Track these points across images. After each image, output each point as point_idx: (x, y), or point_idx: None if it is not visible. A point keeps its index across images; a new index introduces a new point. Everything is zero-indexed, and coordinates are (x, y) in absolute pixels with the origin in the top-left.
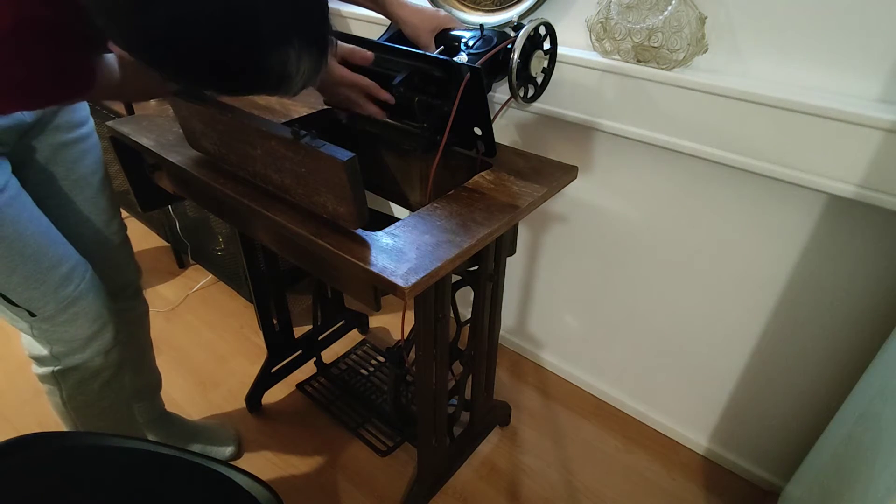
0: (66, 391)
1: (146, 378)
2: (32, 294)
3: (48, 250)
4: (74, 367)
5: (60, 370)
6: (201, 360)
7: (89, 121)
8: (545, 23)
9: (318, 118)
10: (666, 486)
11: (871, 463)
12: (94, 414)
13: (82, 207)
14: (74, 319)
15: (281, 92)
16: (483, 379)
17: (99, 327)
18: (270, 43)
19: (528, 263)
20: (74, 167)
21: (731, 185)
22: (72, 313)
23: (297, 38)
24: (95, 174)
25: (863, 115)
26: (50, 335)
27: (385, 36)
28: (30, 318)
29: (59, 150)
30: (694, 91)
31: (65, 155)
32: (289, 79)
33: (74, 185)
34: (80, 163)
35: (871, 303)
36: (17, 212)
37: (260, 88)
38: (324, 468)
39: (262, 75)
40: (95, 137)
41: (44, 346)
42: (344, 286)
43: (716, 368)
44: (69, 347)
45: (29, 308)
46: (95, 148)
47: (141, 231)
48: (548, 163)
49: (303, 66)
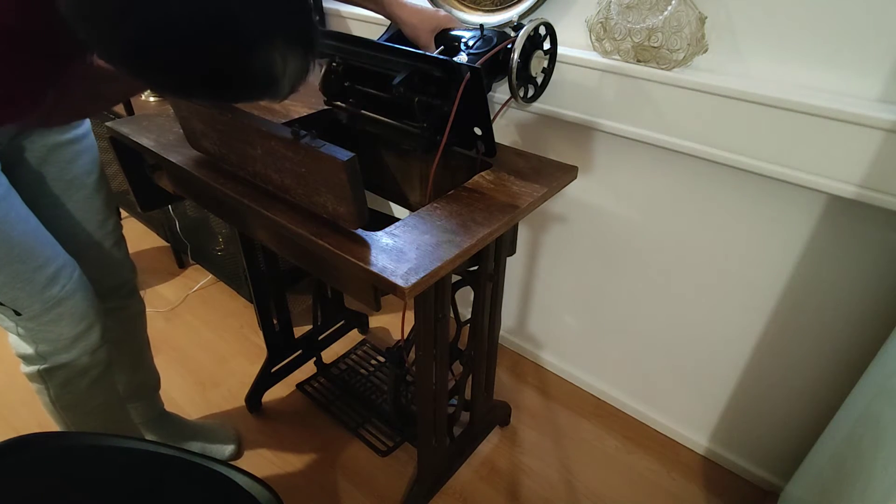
0: (54, 390)
1: (143, 377)
2: (18, 294)
3: (35, 251)
4: (61, 365)
5: (47, 368)
6: (201, 360)
7: (86, 121)
8: (545, 23)
9: (318, 118)
10: (666, 486)
11: (871, 463)
12: (85, 413)
13: (76, 208)
14: (59, 319)
15: (269, 95)
16: (483, 379)
17: (85, 327)
18: (253, 45)
19: (528, 263)
20: (69, 168)
21: (731, 185)
22: (57, 313)
23: (281, 38)
24: (90, 175)
25: (863, 115)
26: (35, 334)
27: (385, 36)
28: (15, 316)
29: (54, 150)
30: (694, 91)
31: (59, 155)
32: (276, 81)
33: (69, 185)
34: (75, 163)
35: (871, 303)
36: (5, 212)
37: (247, 94)
38: (324, 468)
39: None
40: (92, 138)
41: (29, 345)
42: (344, 286)
43: (716, 368)
44: (54, 347)
45: (14, 307)
46: (91, 149)
47: (141, 231)
48: (548, 163)
49: (289, 68)
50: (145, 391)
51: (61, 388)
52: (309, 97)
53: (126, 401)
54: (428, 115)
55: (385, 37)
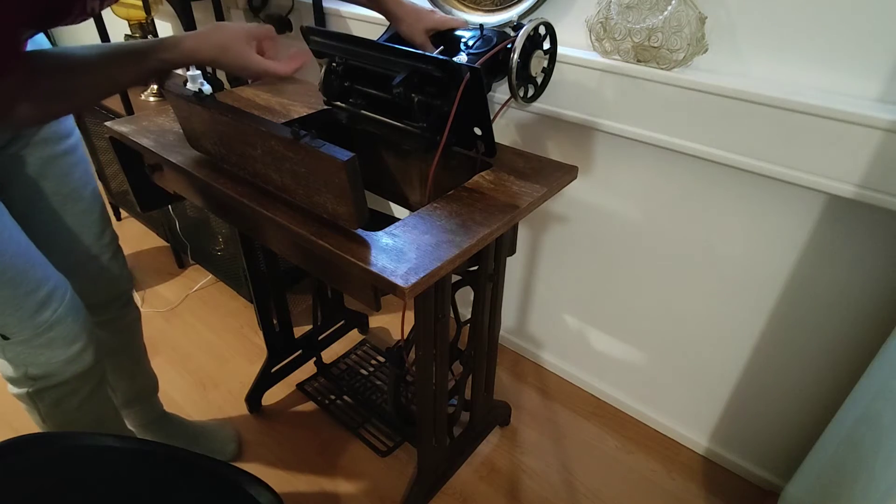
0: (44, 409)
1: (141, 383)
2: (7, 319)
3: (26, 273)
4: (51, 387)
5: (36, 390)
6: (201, 360)
7: (75, 131)
8: (545, 23)
9: (318, 118)
10: (666, 486)
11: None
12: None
13: (74, 222)
14: (51, 343)
15: None
16: (483, 379)
17: (78, 350)
18: None
19: (528, 263)
20: (65, 180)
21: (731, 184)
22: (48, 338)
23: None
24: (87, 187)
25: (862, 115)
26: (24, 358)
27: (385, 36)
28: (2, 341)
29: (49, 163)
30: (694, 91)
31: (55, 168)
32: None
33: (66, 198)
34: (71, 175)
35: (870, 303)
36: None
37: None
38: (324, 468)
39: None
40: (82, 148)
41: (17, 368)
42: (344, 286)
43: (716, 368)
44: (45, 370)
45: (2, 332)
46: (84, 160)
47: (141, 231)
48: (548, 163)
49: None
50: (144, 395)
51: (52, 407)
52: (309, 97)
53: (126, 406)
54: (428, 115)
55: (385, 37)
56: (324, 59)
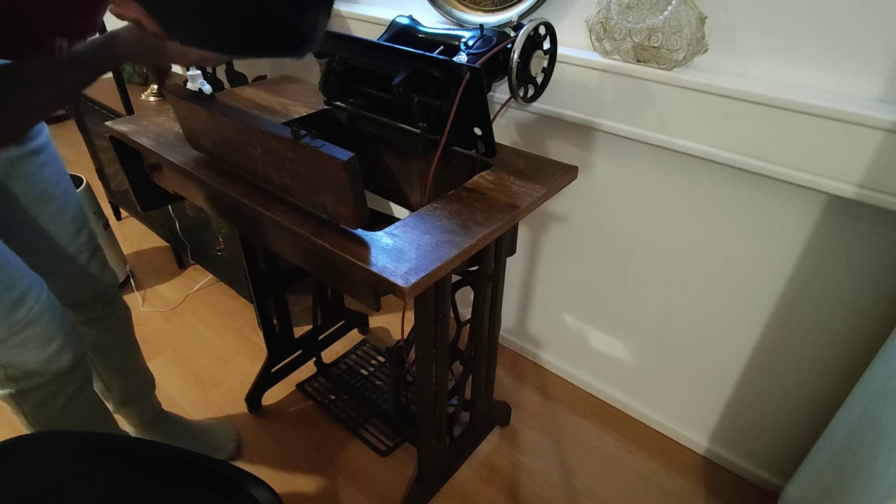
0: (29, 411)
1: (137, 381)
2: None
3: (1, 273)
4: (32, 388)
5: (18, 391)
6: (201, 360)
7: (44, 130)
8: (545, 23)
9: (318, 118)
10: (666, 486)
11: (871, 464)
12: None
13: (47, 223)
14: (26, 343)
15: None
16: (483, 379)
17: (54, 350)
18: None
19: (528, 263)
20: (35, 180)
21: (731, 184)
22: (23, 337)
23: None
24: (57, 187)
25: (863, 115)
26: (1, 359)
27: (385, 36)
28: None
29: (16, 163)
30: (694, 91)
31: (23, 169)
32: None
33: (37, 200)
34: (40, 176)
35: (871, 303)
36: None
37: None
38: (324, 468)
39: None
40: (53, 148)
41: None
42: (344, 286)
43: (716, 368)
44: (21, 371)
45: None
46: (54, 160)
47: (141, 231)
48: (548, 163)
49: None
50: (141, 394)
51: (36, 409)
52: (309, 97)
53: (123, 405)
54: (428, 115)
55: (385, 37)
56: (324, 59)
